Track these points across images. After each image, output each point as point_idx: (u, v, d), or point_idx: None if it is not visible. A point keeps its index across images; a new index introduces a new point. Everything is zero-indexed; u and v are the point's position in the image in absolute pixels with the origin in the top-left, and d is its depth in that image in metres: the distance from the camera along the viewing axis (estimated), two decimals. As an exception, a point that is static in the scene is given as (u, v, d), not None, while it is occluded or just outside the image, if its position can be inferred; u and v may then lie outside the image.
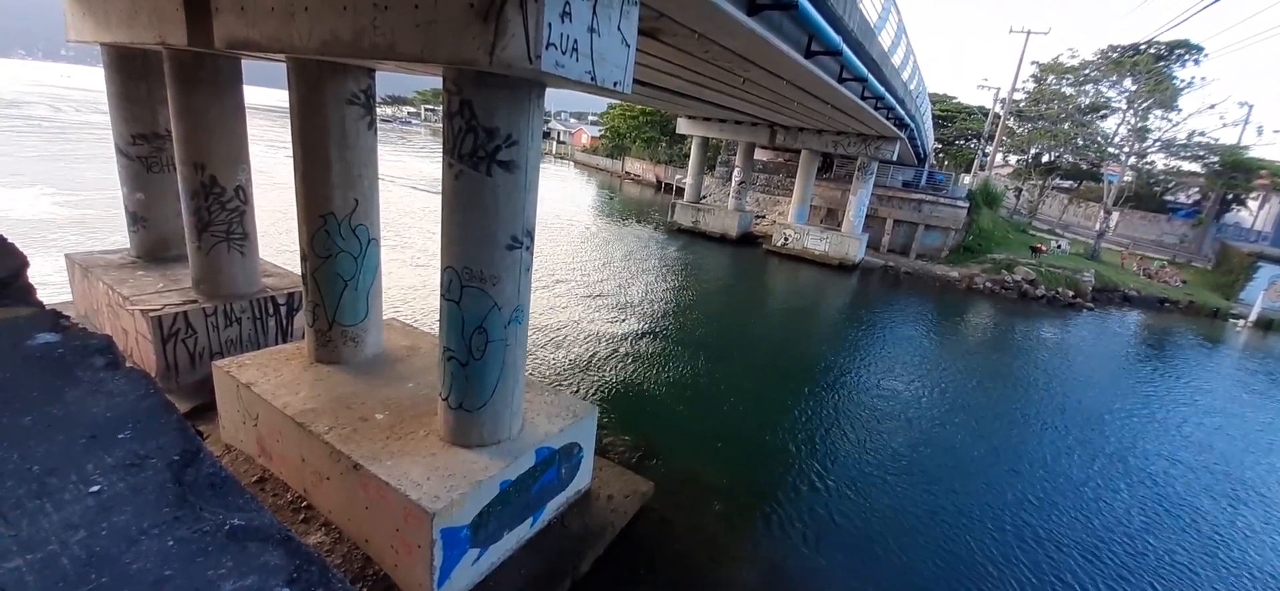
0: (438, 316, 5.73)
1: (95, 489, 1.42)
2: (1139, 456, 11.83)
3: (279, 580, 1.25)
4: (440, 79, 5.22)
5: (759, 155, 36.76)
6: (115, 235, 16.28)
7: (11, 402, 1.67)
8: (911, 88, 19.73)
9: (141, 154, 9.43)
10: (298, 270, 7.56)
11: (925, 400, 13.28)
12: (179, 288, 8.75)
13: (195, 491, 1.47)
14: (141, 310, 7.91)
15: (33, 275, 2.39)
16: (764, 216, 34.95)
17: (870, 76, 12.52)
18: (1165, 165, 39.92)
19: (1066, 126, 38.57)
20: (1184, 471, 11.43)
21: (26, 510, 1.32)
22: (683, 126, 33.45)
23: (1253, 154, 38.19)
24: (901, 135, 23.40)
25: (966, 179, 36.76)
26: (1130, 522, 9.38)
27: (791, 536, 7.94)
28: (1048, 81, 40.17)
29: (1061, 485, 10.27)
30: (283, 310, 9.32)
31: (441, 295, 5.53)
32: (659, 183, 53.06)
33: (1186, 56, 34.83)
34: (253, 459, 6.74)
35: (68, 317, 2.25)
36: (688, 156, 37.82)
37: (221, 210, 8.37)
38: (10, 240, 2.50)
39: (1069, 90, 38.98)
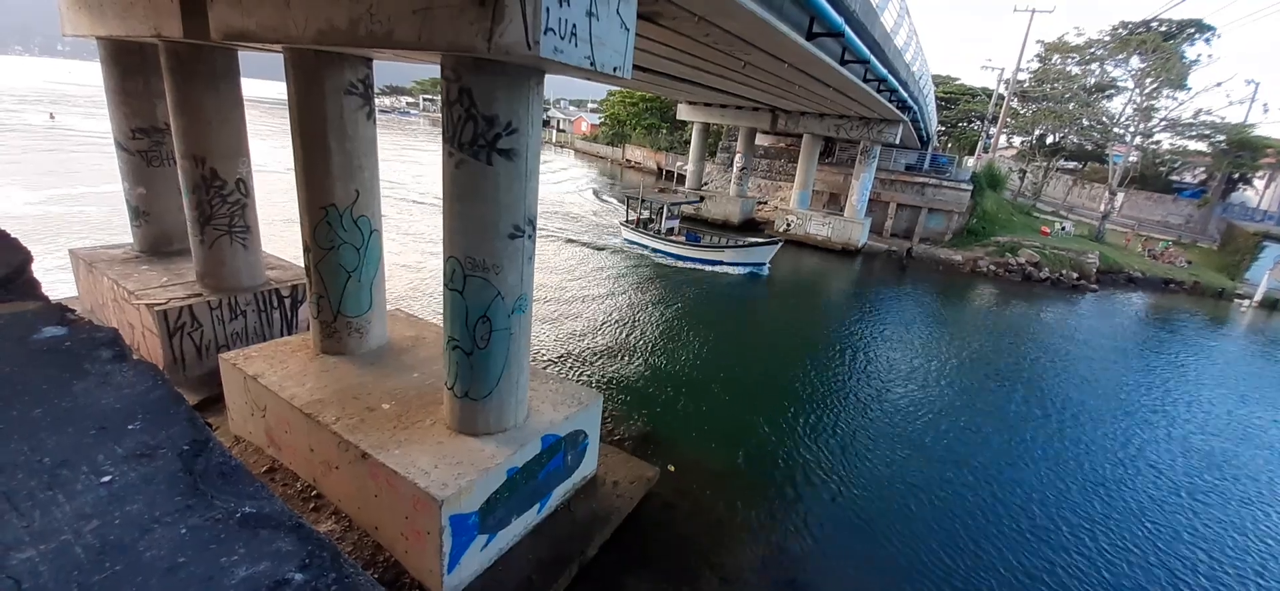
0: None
1: (107, 479, 1.43)
2: (1132, 438, 11.84)
3: (291, 566, 1.26)
4: (439, 67, 5.17)
5: (760, 140, 36.50)
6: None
7: (20, 395, 1.68)
8: (914, 69, 19.50)
9: (141, 148, 9.40)
10: (301, 262, 7.56)
11: (927, 384, 13.29)
12: (183, 281, 8.78)
13: (206, 480, 1.48)
14: (147, 304, 7.94)
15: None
16: (766, 202, 34.79)
17: (873, 58, 12.37)
18: (1171, 145, 39.47)
19: (1072, 107, 38.12)
20: (1184, 458, 11.45)
21: (38, 501, 1.33)
22: (683, 112, 33.19)
23: (1259, 132, 37.75)
24: (904, 118, 23.18)
25: (970, 161, 36.48)
26: (1128, 508, 9.42)
27: (794, 519, 8.00)
28: (1053, 61, 39.65)
29: (1059, 469, 10.30)
30: (287, 302, 9.34)
31: (445, 285, 5.54)
32: (660, 170, 52.79)
33: (1197, 35, 34.27)
34: (262, 449, 6.80)
35: (73, 311, 2.25)
36: (689, 143, 37.57)
37: (223, 203, 8.36)
38: (13, 236, 2.50)
39: (1075, 70, 38.48)
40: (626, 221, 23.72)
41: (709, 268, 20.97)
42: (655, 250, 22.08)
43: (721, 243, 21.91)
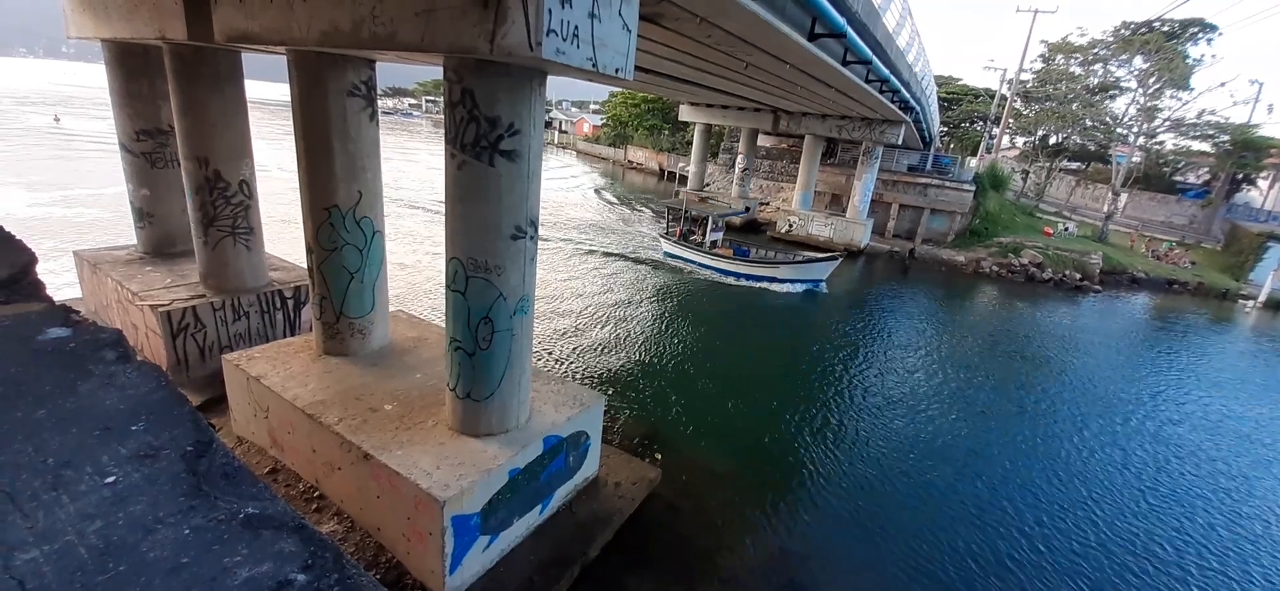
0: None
1: (110, 480, 1.43)
2: (1134, 443, 11.80)
3: (294, 567, 1.26)
4: (441, 69, 5.18)
5: (762, 141, 36.50)
6: None
7: (24, 396, 1.68)
8: (916, 70, 19.47)
9: (145, 149, 9.45)
10: (303, 263, 7.58)
11: (929, 386, 13.26)
12: (187, 283, 8.80)
13: (209, 481, 1.49)
14: (150, 305, 7.97)
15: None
16: (768, 203, 34.78)
17: (875, 59, 12.35)
18: (1174, 145, 39.37)
19: (1075, 107, 38.03)
20: (1181, 466, 11.40)
21: (42, 501, 1.34)
22: (685, 113, 33.22)
23: (1263, 133, 37.62)
24: (906, 119, 23.15)
25: (973, 162, 36.40)
26: (1129, 514, 9.37)
27: (796, 520, 7.98)
28: (1056, 61, 39.56)
29: (1060, 472, 10.26)
30: (290, 303, 9.37)
31: (447, 286, 5.54)
32: (662, 171, 52.84)
33: (1199, 34, 34.18)
34: (264, 450, 6.82)
35: (78, 312, 2.26)
36: (690, 144, 37.60)
37: (226, 204, 8.39)
38: (17, 237, 2.51)
39: (1078, 70, 38.39)
40: (666, 233, 22.34)
41: (759, 285, 19.48)
42: (699, 265, 20.61)
43: (774, 257, 20.31)
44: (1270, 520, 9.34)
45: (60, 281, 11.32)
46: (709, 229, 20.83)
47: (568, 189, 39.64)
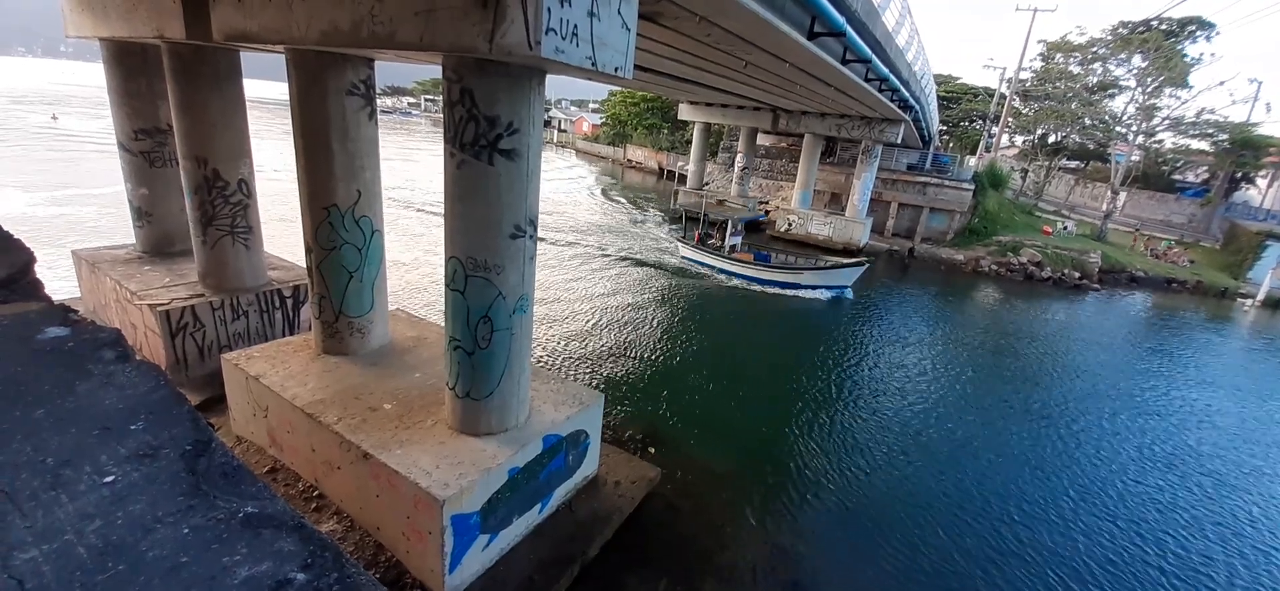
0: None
1: (109, 479, 1.43)
2: (1133, 442, 11.81)
3: (293, 566, 1.26)
4: (440, 68, 5.18)
5: (762, 140, 36.48)
6: None
7: (23, 395, 1.68)
8: (915, 69, 19.45)
9: (144, 149, 9.43)
10: (303, 263, 7.57)
11: (930, 385, 13.27)
12: (185, 282, 8.80)
13: (208, 480, 1.48)
14: (149, 304, 7.96)
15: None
16: (767, 202, 34.76)
17: (874, 57, 12.33)
18: (1173, 144, 39.42)
19: (1074, 106, 38.06)
20: (1174, 461, 11.41)
21: (41, 501, 1.34)
22: (684, 112, 33.20)
23: (1262, 131, 37.68)
24: (906, 118, 23.14)
25: (972, 161, 36.44)
26: (1125, 513, 9.39)
27: (797, 520, 7.99)
28: (1055, 60, 39.59)
29: (1054, 469, 10.28)
30: (289, 303, 9.36)
31: (446, 285, 5.54)
32: (661, 170, 52.81)
33: (1198, 33, 34.21)
34: (264, 450, 6.81)
35: (76, 312, 2.26)
36: (690, 143, 37.59)
37: (225, 204, 8.37)
38: (15, 237, 2.50)
39: (1077, 69, 38.42)
40: (684, 237, 21.77)
41: (781, 291, 18.92)
42: (718, 270, 20.01)
43: (797, 262, 19.70)
44: (1250, 516, 9.36)
45: (59, 284, 11.31)
46: (729, 233, 20.20)
47: (568, 189, 39.62)
